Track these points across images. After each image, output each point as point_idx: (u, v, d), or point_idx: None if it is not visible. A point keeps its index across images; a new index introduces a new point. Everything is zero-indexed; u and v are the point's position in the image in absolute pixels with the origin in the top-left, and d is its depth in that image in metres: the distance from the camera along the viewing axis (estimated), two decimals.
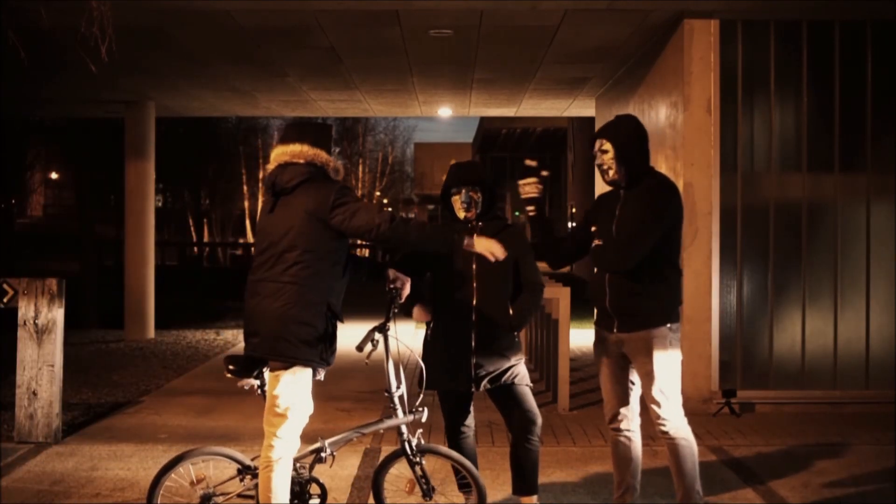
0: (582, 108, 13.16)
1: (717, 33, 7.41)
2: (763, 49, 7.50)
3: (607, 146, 4.28)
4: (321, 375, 4.04)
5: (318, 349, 3.90)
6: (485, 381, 4.33)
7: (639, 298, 4.20)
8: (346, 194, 3.94)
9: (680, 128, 7.52)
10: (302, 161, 3.97)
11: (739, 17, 7.44)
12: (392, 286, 4.18)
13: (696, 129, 7.42)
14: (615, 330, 4.28)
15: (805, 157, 7.52)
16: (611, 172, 4.29)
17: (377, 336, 4.09)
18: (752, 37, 7.50)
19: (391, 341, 4.16)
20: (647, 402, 4.26)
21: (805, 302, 7.46)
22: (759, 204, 7.50)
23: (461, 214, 4.41)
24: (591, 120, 13.44)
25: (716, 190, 7.41)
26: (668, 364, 4.20)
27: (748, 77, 7.51)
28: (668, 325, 4.21)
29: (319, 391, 7.53)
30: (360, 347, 4.08)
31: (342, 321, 4.02)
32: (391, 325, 4.14)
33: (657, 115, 8.29)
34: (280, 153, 4.03)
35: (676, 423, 4.23)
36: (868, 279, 7.48)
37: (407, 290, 4.21)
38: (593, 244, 4.34)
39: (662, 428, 4.23)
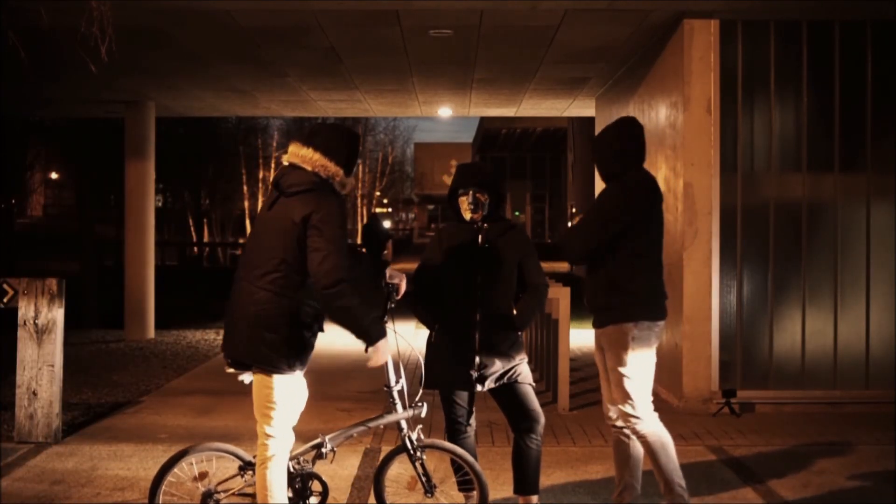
0: (582, 108, 13.16)
1: (717, 33, 7.41)
2: (763, 49, 7.49)
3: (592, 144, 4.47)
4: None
5: (286, 357, 3.82)
6: (488, 381, 4.36)
7: (607, 294, 4.30)
8: (330, 221, 3.74)
9: (680, 128, 7.51)
10: (309, 168, 3.87)
11: (739, 17, 7.43)
12: (389, 282, 4.20)
13: (696, 128, 7.42)
14: (593, 325, 4.43)
15: (805, 157, 7.51)
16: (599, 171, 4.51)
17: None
18: (752, 37, 7.49)
19: (389, 335, 4.14)
20: (615, 397, 4.32)
21: (805, 302, 7.46)
22: (759, 204, 7.49)
23: (467, 215, 4.44)
24: (591, 120, 13.46)
25: (716, 190, 7.41)
26: (634, 360, 4.25)
27: (748, 77, 7.51)
28: (633, 323, 4.25)
29: (319, 391, 7.55)
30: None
31: (322, 330, 3.95)
32: (388, 318, 4.15)
33: (657, 115, 8.29)
34: (293, 152, 3.94)
35: (644, 421, 4.26)
36: (868, 279, 7.48)
37: (403, 288, 4.22)
38: None
39: (630, 425, 4.28)
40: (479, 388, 4.37)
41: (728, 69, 7.48)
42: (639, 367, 4.26)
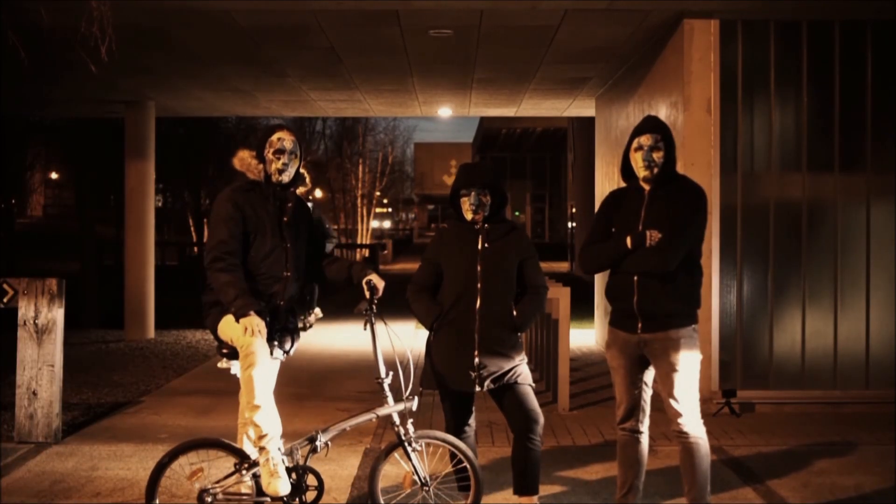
0: (582, 108, 13.14)
1: (717, 33, 7.39)
2: (763, 49, 7.47)
3: (662, 144, 4.24)
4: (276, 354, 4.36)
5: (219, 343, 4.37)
6: (488, 381, 4.36)
7: (668, 299, 4.18)
8: (216, 207, 4.31)
9: (680, 128, 7.49)
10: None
11: (739, 17, 7.41)
12: (369, 282, 4.35)
13: (696, 129, 7.40)
14: (639, 331, 4.23)
15: (805, 157, 7.48)
16: (655, 170, 4.23)
17: (365, 308, 4.26)
18: (752, 37, 7.47)
19: (379, 330, 4.24)
20: (666, 401, 4.24)
21: (805, 302, 7.44)
22: (759, 204, 7.47)
23: (469, 216, 4.45)
24: (591, 120, 13.44)
25: (716, 190, 7.38)
26: (690, 365, 4.20)
27: (748, 77, 7.49)
28: (693, 326, 4.22)
29: (319, 391, 7.58)
30: (358, 311, 4.29)
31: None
32: (374, 313, 4.26)
33: (657, 115, 8.18)
34: None
35: (694, 424, 4.22)
36: (868, 279, 7.46)
37: (381, 288, 4.36)
38: None
39: (682, 428, 4.21)
40: (478, 388, 4.37)
41: (728, 69, 7.46)
42: (697, 370, 4.24)
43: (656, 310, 4.18)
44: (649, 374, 4.35)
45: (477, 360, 4.34)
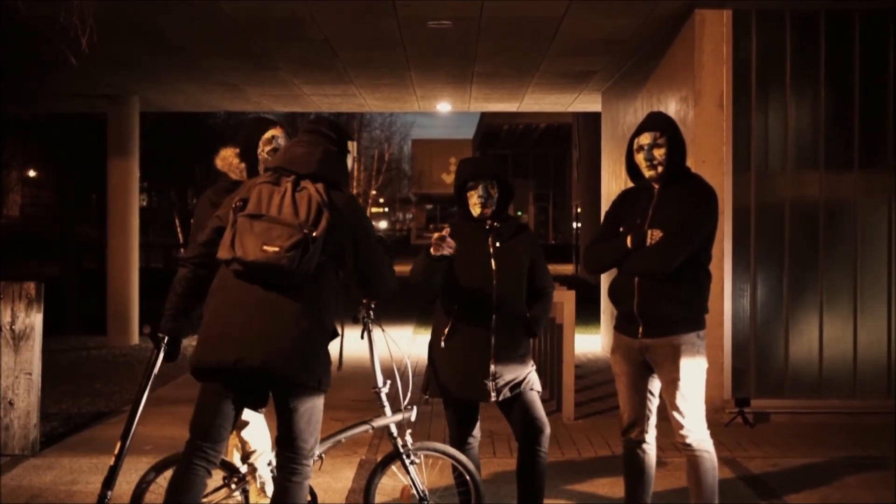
0: (587, 103, 13.19)
1: (730, 24, 7.30)
2: (778, 41, 7.38)
3: (663, 140, 4.13)
4: None
5: None
6: (505, 390, 4.21)
7: (670, 303, 4.06)
8: (196, 210, 4.18)
9: (690, 124, 7.39)
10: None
11: (753, 7, 7.32)
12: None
13: (708, 124, 7.31)
14: (640, 335, 4.13)
15: (822, 155, 7.40)
16: (660, 168, 4.13)
17: (363, 315, 4.13)
18: (766, 28, 7.39)
19: (377, 337, 4.14)
20: (669, 411, 4.15)
21: (823, 306, 7.34)
22: (773, 203, 7.38)
23: (476, 211, 4.30)
24: (597, 115, 13.47)
25: (728, 189, 7.27)
26: (694, 373, 4.09)
27: (763, 70, 7.39)
28: (697, 333, 4.11)
29: None
30: (355, 318, 4.14)
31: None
32: (372, 319, 4.15)
33: (666, 111, 8.19)
34: None
35: (699, 435, 4.12)
36: (889, 282, 7.34)
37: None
38: None
39: (685, 440, 4.12)
40: (493, 398, 4.21)
41: (741, 62, 7.36)
42: (702, 378, 4.15)
43: (657, 313, 4.09)
44: (655, 383, 4.25)
45: (493, 367, 4.17)
